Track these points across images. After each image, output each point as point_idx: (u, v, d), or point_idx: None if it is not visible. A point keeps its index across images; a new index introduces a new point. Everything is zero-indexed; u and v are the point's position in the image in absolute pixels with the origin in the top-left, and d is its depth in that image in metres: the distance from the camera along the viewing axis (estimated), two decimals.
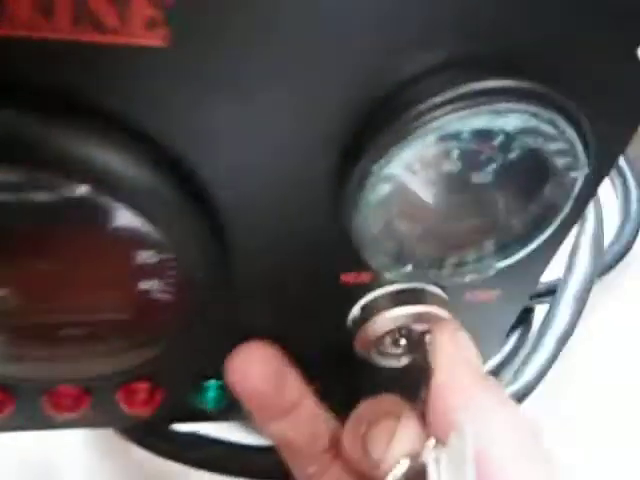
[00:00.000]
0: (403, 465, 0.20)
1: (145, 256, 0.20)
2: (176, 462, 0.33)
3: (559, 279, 0.37)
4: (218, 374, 0.26)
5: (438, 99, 0.16)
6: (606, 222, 0.38)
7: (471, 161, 0.18)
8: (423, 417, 0.21)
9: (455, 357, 0.21)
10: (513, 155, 0.17)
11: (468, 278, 0.21)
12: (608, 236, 0.40)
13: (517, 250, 0.20)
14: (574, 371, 0.38)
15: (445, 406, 0.20)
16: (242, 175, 0.19)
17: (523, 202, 0.18)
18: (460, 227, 0.19)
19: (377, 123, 0.17)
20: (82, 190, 0.18)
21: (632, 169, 0.43)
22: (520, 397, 0.35)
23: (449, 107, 0.15)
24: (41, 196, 0.18)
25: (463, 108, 0.15)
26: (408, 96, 0.16)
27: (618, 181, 0.44)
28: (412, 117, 0.16)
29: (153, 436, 0.33)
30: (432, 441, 0.19)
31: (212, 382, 0.27)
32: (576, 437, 0.35)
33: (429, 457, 0.19)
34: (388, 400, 0.22)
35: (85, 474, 0.34)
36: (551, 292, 0.38)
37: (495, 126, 0.16)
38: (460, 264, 0.20)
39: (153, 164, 0.17)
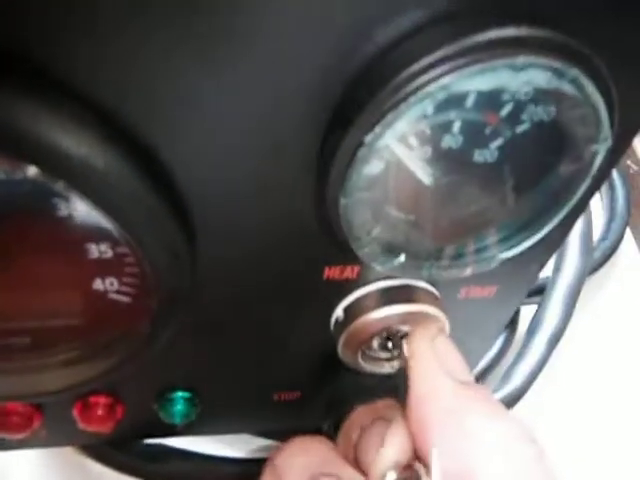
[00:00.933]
0: (390, 477, 0.18)
1: (99, 250, 0.18)
2: (137, 478, 0.30)
3: (547, 278, 0.36)
4: (185, 385, 0.24)
5: (436, 55, 0.13)
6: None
7: (474, 135, 0.16)
8: None
9: (433, 368, 0.19)
10: (523, 128, 0.15)
11: (468, 271, 0.18)
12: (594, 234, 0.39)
13: (524, 239, 0.18)
14: (565, 373, 0.36)
15: (424, 422, 0.18)
16: (211, 157, 0.16)
17: (533, 183, 0.16)
18: (461, 212, 0.17)
19: (368, 89, 0.14)
20: (25, 173, 0.15)
21: (617, 166, 0.42)
22: (510, 403, 0.34)
23: (450, 64, 0.13)
24: None
25: (469, 64, 0.13)
26: (401, 55, 0.14)
27: None
28: (404, 80, 0.14)
29: (110, 448, 0.30)
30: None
31: (179, 394, 0.25)
32: (567, 441, 0.34)
33: (421, 469, 0.18)
34: (383, 404, 0.21)
35: None
36: (538, 292, 0.36)
37: (506, 88, 0.14)
38: (460, 255, 0.18)
39: (108, 140, 0.15)
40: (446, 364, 0.19)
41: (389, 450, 0.19)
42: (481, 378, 0.36)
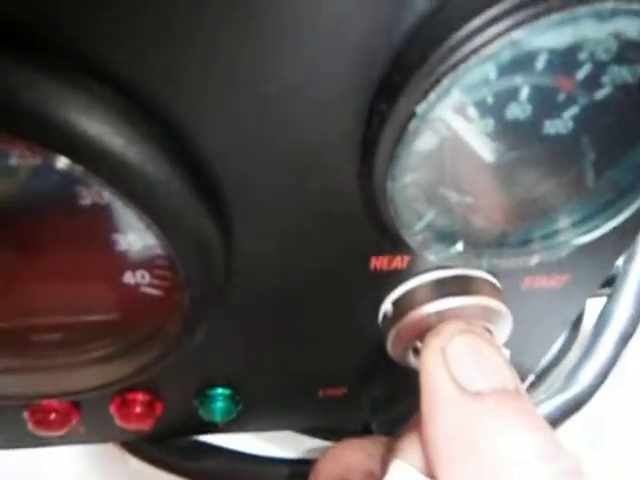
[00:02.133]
0: None
1: (128, 241, 0.17)
2: (174, 474, 0.30)
3: (617, 268, 0.33)
4: (226, 381, 0.23)
5: (502, 5, 0.11)
6: None
7: (545, 103, 0.14)
8: None
9: (440, 379, 0.17)
10: (603, 93, 0.13)
11: (534, 260, 0.16)
12: None
13: (602, 223, 0.15)
14: (636, 375, 0.33)
15: (431, 444, 0.17)
16: (245, 136, 0.15)
17: (615, 156, 0.14)
18: (528, 193, 0.15)
19: (421, 49, 0.13)
20: (55, 162, 0.14)
21: None
22: (574, 407, 0.31)
23: (519, 15, 0.11)
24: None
25: (542, 14, 0.11)
26: (459, 7, 0.12)
27: None
28: (463, 37, 0.12)
29: (147, 443, 0.30)
30: None
31: (219, 390, 0.24)
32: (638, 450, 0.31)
33: None
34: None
35: None
36: (607, 283, 0.33)
37: (585, 44, 0.12)
38: (526, 241, 0.16)
39: (130, 119, 0.13)
40: (458, 372, 0.17)
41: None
42: (540, 379, 0.34)
